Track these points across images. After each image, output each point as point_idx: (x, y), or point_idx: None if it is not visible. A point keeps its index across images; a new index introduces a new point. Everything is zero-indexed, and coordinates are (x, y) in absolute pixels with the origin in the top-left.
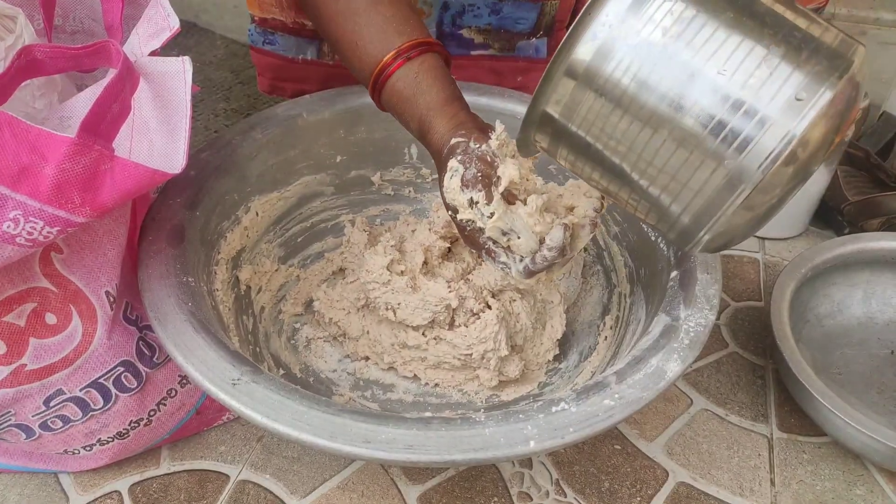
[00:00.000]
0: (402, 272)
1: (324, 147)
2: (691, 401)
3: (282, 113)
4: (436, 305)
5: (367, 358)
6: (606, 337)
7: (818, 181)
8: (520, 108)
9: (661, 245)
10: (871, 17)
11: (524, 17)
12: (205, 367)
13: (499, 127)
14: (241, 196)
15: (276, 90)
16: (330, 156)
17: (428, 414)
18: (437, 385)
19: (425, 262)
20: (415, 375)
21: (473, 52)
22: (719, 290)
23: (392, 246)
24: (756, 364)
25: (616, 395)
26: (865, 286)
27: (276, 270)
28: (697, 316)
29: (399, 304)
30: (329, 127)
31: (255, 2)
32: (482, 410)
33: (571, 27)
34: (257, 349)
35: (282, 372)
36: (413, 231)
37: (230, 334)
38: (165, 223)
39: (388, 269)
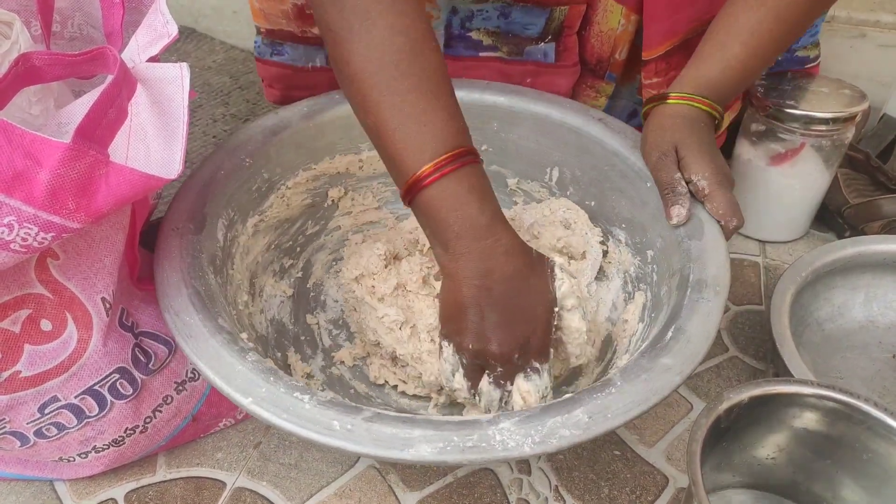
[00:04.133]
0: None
1: (473, 131)
2: (691, 406)
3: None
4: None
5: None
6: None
7: (819, 184)
8: (534, 108)
9: None
10: (870, 19)
11: (533, 22)
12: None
13: (558, 276)
14: None
15: (288, 100)
16: (476, 141)
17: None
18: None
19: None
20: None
21: (482, 54)
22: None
23: (380, 256)
24: (757, 368)
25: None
26: (866, 289)
27: (377, 209)
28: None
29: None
30: (487, 115)
31: (262, 14)
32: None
33: None
34: (297, 250)
35: (299, 273)
36: (409, 252)
37: (254, 216)
38: (286, 110)
39: (358, 283)
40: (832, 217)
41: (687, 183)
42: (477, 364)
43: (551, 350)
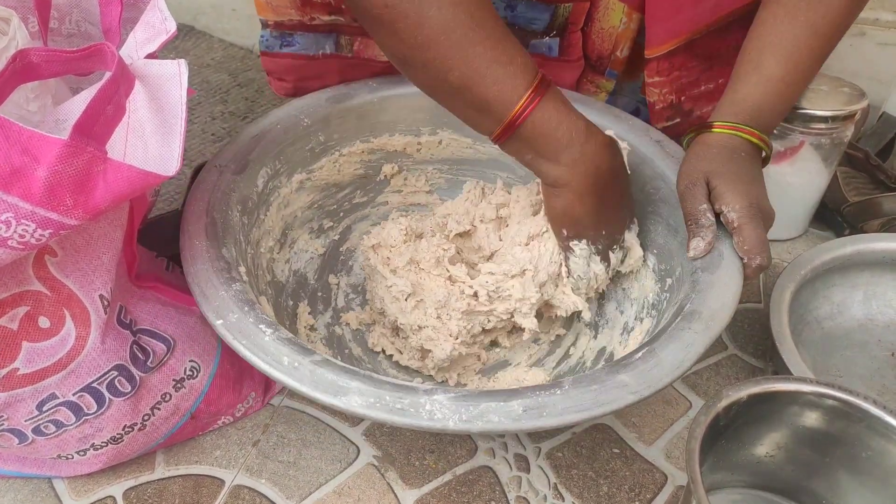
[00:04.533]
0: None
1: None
2: (690, 403)
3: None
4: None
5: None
6: None
7: (818, 182)
8: (596, 120)
9: None
10: (870, 17)
11: (538, 17)
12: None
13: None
14: (433, 122)
15: (300, 90)
16: None
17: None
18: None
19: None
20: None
21: None
22: None
23: (401, 230)
24: (756, 366)
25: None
26: (866, 288)
27: (427, 192)
28: None
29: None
30: None
31: (269, 7)
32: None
33: None
34: (340, 214)
35: (336, 236)
36: (433, 233)
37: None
38: (356, 82)
39: (374, 251)
40: (831, 215)
41: (718, 214)
42: (607, 244)
43: None
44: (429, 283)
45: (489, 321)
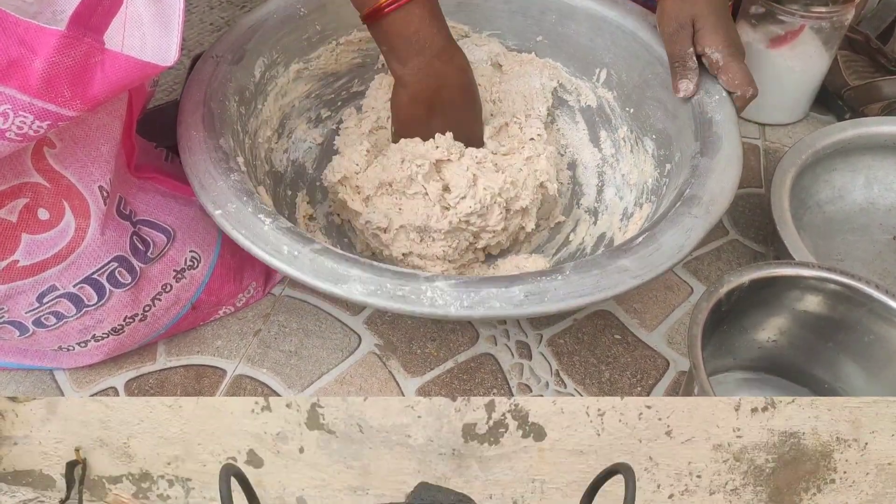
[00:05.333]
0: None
1: (531, 21)
2: (692, 289)
3: None
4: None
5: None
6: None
7: (818, 66)
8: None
9: None
10: None
11: None
12: None
13: None
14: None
15: None
16: (532, 31)
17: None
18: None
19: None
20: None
21: None
22: None
23: (363, 152)
24: (757, 251)
25: None
26: (867, 171)
27: None
28: None
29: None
30: (546, 6)
31: None
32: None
33: None
34: (338, 104)
35: (335, 126)
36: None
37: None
38: None
39: (342, 185)
40: (832, 99)
41: (699, 56)
42: None
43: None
44: (406, 203)
45: (479, 239)
